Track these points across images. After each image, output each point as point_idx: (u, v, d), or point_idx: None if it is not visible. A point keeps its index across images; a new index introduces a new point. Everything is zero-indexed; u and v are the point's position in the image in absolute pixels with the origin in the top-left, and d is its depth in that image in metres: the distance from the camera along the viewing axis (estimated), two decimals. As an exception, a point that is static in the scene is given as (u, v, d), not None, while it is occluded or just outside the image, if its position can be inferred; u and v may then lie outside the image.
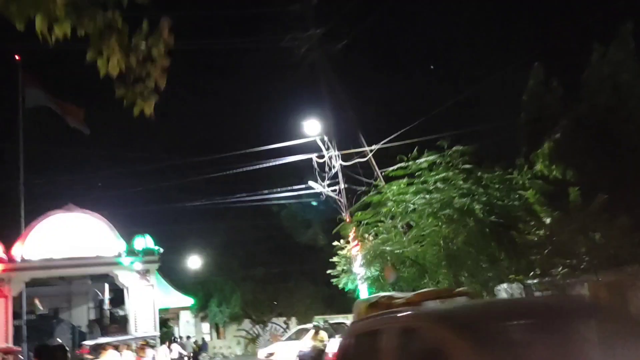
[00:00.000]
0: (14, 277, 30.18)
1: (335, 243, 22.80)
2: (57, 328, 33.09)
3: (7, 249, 30.52)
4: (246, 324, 36.18)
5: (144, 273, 33.46)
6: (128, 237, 33.75)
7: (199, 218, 36.98)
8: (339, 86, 24.20)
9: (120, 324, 34.97)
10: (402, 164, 18.66)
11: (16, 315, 30.39)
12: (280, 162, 25.58)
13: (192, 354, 28.84)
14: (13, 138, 35.75)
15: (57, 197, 34.25)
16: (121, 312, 34.18)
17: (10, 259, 30.22)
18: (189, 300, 34.80)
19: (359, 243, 21.06)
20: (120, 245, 33.05)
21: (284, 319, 36.60)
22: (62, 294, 35.87)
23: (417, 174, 18.01)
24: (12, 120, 36.07)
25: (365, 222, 20.40)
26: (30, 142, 36.40)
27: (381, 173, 22.08)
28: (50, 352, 7.58)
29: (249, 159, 26.51)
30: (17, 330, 30.43)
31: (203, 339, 33.02)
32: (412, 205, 17.65)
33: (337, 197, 24.00)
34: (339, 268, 22.25)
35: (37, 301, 33.92)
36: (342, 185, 23.95)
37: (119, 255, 32.69)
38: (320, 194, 24.70)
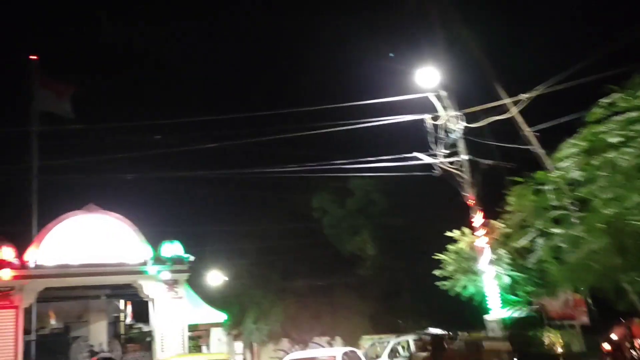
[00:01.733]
0: (27, 286, 26.41)
1: (449, 233, 18.19)
2: (72, 346, 29.20)
3: (19, 253, 26.84)
4: (284, 343, 32.17)
5: (172, 284, 29.54)
6: (155, 243, 30.02)
7: (232, 222, 33.23)
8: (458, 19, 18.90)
9: (141, 342, 31.03)
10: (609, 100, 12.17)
11: (25, 330, 26.62)
12: (376, 122, 20.30)
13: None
14: (26, 135, 32.42)
15: (76, 197, 30.62)
16: (145, 328, 30.21)
17: (23, 265, 26.49)
18: (221, 316, 30.90)
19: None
20: (146, 251, 29.25)
21: (327, 338, 32.54)
22: (77, 308, 32.09)
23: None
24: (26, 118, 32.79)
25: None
26: (45, 139, 33.16)
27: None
28: None
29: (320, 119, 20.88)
30: (27, 347, 26.61)
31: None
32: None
33: (456, 170, 19.10)
34: (448, 268, 17.93)
35: (51, 314, 30.08)
36: (463, 156, 19.02)
37: (145, 263, 28.84)
38: (430, 166, 19.87)
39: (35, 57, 32.84)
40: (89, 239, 28.28)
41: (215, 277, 33.25)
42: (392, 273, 32.41)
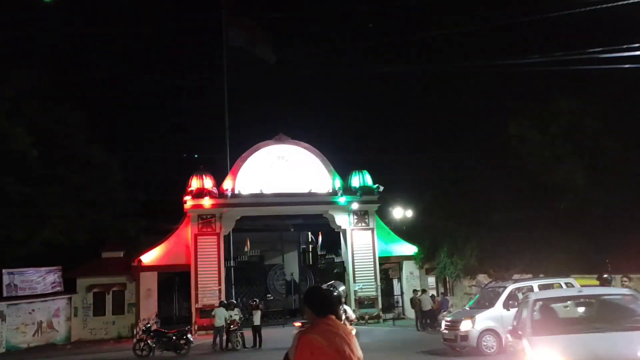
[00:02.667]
0: (225, 214, 27.32)
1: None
2: (269, 273, 30.03)
3: (217, 183, 27.74)
4: (480, 279, 30.24)
5: (362, 215, 28.87)
6: (343, 173, 29.40)
7: (422, 150, 31.56)
8: None
9: (330, 273, 31.01)
10: None
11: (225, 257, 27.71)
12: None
13: (428, 311, 23.68)
14: (219, 68, 33.18)
15: (266, 126, 30.89)
16: (336, 259, 30.04)
17: (221, 194, 27.36)
18: (412, 248, 29.72)
19: None
20: (335, 181, 28.75)
21: (529, 276, 29.94)
22: (270, 238, 32.90)
23: None
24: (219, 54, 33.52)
25: None
26: (236, 72, 33.76)
27: None
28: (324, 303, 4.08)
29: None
30: (227, 272, 27.75)
31: (443, 294, 27.63)
32: None
33: None
34: None
35: (247, 242, 31.11)
36: None
37: (335, 194, 28.37)
38: None
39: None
40: (280, 168, 28.40)
41: (405, 209, 32.02)
42: (603, 208, 28.53)
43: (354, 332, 4.83)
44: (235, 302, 19.55)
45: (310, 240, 33.85)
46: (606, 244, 29.72)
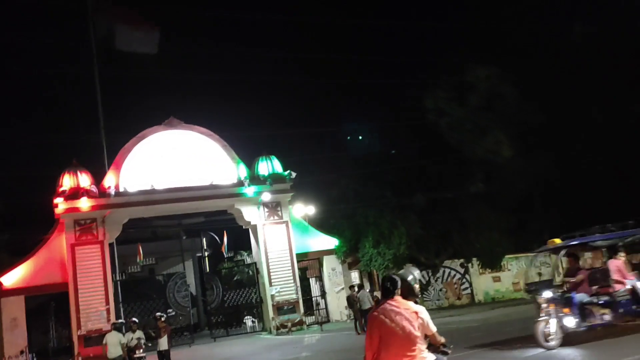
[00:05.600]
0: (109, 217, 22.35)
1: None
2: (169, 284, 25.25)
3: (97, 180, 22.65)
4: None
5: (274, 207, 24.95)
6: (248, 161, 25.31)
7: (333, 134, 28.19)
8: None
9: (244, 276, 26.80)
10: None
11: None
12: None
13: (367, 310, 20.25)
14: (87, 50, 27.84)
15: (154, 115, 26.04)
16: (248, 260, 25.89)
17: (102, 192, 22.31)
18: (332, 242, 26.27)
19: None
20: (240, 170, 24.59)
21: (461, 261, 27.45)
22: (166, 244, 28.15)
23: None
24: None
25: None
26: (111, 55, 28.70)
27: None
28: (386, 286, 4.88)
29: None
30: (116, 287, 22.76)
31: (371, 290, 24.14)
32: None
33: None
34: None
35: (140, 249, 26.09)
36: None
37: (241, 184, 24.23)
38: None
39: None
40: (174, 159, 23.83)
41: (319, 198, 28.43)
42: (528, 179, 26.79)
43: (421, 310, 4.74)
44: (136, 321, 14.89)
45: (213, 241, 29.36)
46: (537, 218, 28.21)
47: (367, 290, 21.46)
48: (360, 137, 28.69)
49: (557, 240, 11.94)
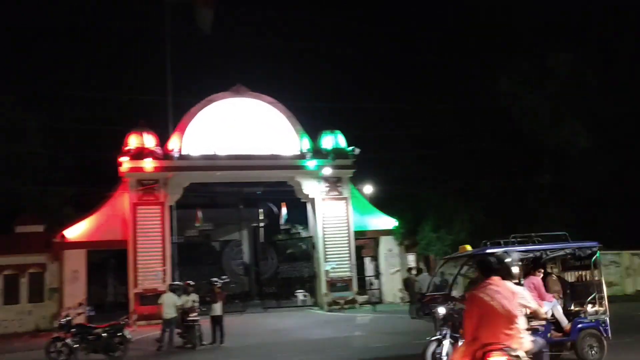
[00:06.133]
0: (171, 179, 22.48)
1: None
2: (225, 251, 25.32)
3: (162, 142, 22.78)
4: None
5: (335, 182, 24.55)
6: (312, 133, 24.93)
7: (399, 109, 27.29)
8: None
9: (297, 250, 26.51)
10: None
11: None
12: None
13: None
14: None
15: (220, 82, 25.88)
16: (303, 234, 25.64)
17: (166, 154, 22.44)
18: (390, 222, 25.71)
19: None
20: (304, 143, 24.25)
21: (523, 252, 26.32)
22: (224, 211, 28.17)
23: None
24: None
25: None
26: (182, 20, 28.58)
27: None
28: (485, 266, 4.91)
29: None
30: (174, 248, 22.93)
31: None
32: None
33: None
34: None
35: (198, 213, 26.21)
36: None
37: (303, 157, 23.92)
38: None
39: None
40: (238, 126, 23.69)
41: (382, 176, 27.77)
42: (603, 175, 25.33)
43: (520, 291, 4.83)
44: (192, 283, 14.84)
45: (271, 212, 29.27)
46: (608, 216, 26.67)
47: (428, 274, 20.78)
48: (426, 118, 27.70)
49: (468, 247, 10.78)
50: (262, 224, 28.58)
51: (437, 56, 30.53)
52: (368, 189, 27.96)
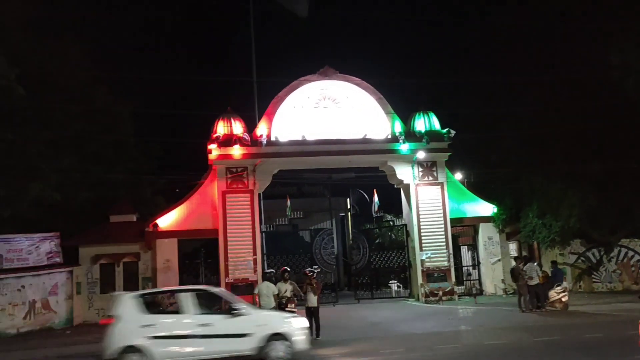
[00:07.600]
0: (259, 166, 21.89)
1: None
2: (315, 240, 24.55)
3: (249, 128, 22.23)
4: (575, 246, 24.16)
5: (429, 166, 23.14)
6: (403, 115, 23.64)
7: (496, 84, 25.41)
8: None
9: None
10: None
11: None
12: None
13: (534, 286, 18.02)
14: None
15: (307, 64, 25.03)
16: (397, 222, 24.42)
17: (254, 141, 21.85)
18: (489, 208, 24.04)
19: None
20: (395, 126, 22.99)
21: (640, 240, 23.95)
22: (313, 198, 27.46)
23: None
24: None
25: None
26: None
27: None
28: None
29: None
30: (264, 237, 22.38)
31: (555, 262, 21.44)
32: None
33: None
34: None
35: (288, 201, 25.57)
36: None
37: (396, 140, 22.66)
38: None
39: None
40: (327, 110, 22.77)
41: (479, 159, 26.05)
42: None
43: None
44: (289, 270, 14.03)
45: (361, 200, 28.23)
46: None
47: (535, 264, 19.06)
48: (527, 95, 25.62)
49: None
50: (351, 212, 27.58)
51: (541, 24, 28.11)
52: (467, 172, 26.34)
